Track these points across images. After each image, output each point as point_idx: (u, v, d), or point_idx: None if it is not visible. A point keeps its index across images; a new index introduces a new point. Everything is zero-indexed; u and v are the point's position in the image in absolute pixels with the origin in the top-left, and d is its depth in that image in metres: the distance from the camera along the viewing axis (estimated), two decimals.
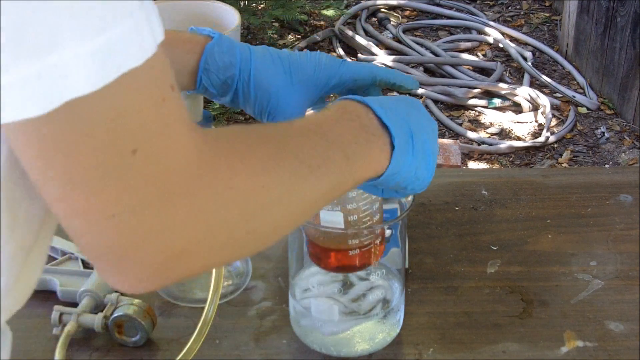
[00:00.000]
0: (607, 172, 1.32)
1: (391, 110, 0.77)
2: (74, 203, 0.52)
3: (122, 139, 0.50)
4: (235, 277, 1.08)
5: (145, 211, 0.53)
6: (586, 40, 3.53)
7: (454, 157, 2.78)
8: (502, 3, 4.18)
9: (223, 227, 0.58)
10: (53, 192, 0.52)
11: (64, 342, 0.97)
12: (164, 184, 0.53)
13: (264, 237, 0.63)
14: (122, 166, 0.51)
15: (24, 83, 0.47)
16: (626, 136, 3.22)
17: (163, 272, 0.56)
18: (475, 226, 1.19)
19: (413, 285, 1.08)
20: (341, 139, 0.72)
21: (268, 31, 3.60)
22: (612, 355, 0.98)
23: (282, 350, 1.00)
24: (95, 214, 0.52)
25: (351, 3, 4.08)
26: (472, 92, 3.40)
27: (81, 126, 0.49)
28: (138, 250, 0.54)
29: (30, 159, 0.51)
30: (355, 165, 0.72)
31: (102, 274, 0.57)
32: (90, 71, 0.48)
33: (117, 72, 0.49)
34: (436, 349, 0.99)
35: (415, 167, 0.78)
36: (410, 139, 0.77)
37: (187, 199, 0.54)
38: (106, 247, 0.54)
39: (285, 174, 0.63)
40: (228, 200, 0.57)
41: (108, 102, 0.49)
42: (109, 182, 0.51)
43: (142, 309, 0.99)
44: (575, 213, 1.22)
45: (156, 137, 0.52)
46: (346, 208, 0.90)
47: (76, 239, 0.55)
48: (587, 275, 1.10)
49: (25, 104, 0.47)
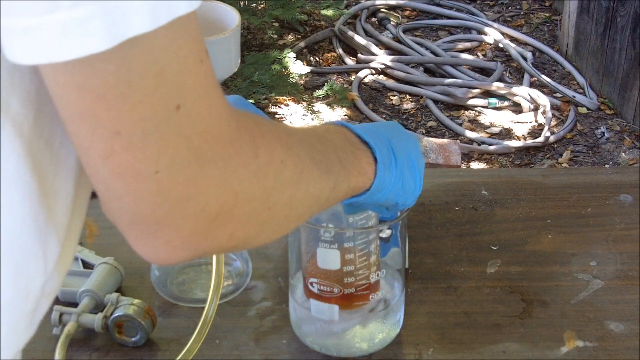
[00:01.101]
0: (607, 172, 1.32)
1: (369, 130, 0.80)
2: (120, 159, 0.53)
3: (167, 93, 0.53)
4: (235, 277, 1.08)
5: (183, 171, 0.55)
6: (586, 40, 3.53)
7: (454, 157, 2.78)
8: (502, 3, 4.18)
9: (248, 197, 0.60)
10: (100, 148, 0.53)
11: (64, 342, 0.97)
12: (201, 145, 0.55)
13: (279, 219, 0.65)
14: (166, 121, 0.53)
15: (90, 18, 0.48)
16: (626, 136, 3.22)
17: (194, 239, 0.58)
18: (475, 226, 1.19)
19: (413, 285, 1.08)
20: (334, 144, 0.75)
21: (268, 31, 3.60)
22: (612, 355, 0.98)
23: (282, 350, 1.00)
24: (139, 171, 0.54)
25: (351, 3, 4.08)
26: (472, 92, 3.40)
27: (130, 77, 0.51)
28: (173, 213, 0.56)
29: (80, 114, 0.52)
30: (347, 170, 0.75)
31: (135, 242, 0.58)
32: (144, 11, 0.49)
33: (167, 17, 0.50)
34: (436, 349, 0.99)
35: (402, 179, 0.81)
36: (391, 153, 0.80)
37: (220, 163, 0.56)
38: (144, 209, 0.55)
39: (298, 156, 0.66)
40: (253, 170, 0.60)
41: (156, 52, 0.51)
42: (153, 137, 0.53)
43: (142, 309, 0.99)
44: (575, 213, 1.21)
45: (198, 96, 0.54)
46: (343, 246, 0.91)
47: (114, 202, 0.56)
48: (587, 275, 1.10)
49: (89, 39, 0.49)
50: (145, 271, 1.09)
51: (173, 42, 0.52)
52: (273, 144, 0.63)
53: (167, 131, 0.53)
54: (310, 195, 0.68)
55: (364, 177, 0.78)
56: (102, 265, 1.06)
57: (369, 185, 0.78)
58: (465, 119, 3.35)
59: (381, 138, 0.80)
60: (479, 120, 3.35)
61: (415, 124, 3.33)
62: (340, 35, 3.80)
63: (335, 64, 3.69)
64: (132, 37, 0.50)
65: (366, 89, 3.53)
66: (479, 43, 3.83)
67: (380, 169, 0.78)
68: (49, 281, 0.62)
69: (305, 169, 0.67)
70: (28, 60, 0.50)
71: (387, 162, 0.79)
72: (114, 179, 0.55)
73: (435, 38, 3.89)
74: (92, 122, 0.52)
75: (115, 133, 0.52)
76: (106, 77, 0.51)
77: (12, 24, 0.49)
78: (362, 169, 0.77)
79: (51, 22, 0.49)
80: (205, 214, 0.57)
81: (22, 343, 0.63)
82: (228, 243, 0.61)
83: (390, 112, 3.40)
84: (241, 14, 1.10)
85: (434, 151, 2.85)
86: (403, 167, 0.81)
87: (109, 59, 0.50)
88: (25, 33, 0.49)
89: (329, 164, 0.72)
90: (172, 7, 0.51)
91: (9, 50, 0.50)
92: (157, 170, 0.54)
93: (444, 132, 3.26)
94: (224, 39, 1.03)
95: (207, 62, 0.55)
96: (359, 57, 3.67)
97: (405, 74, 3.53)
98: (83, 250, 1.11)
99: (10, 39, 0.50)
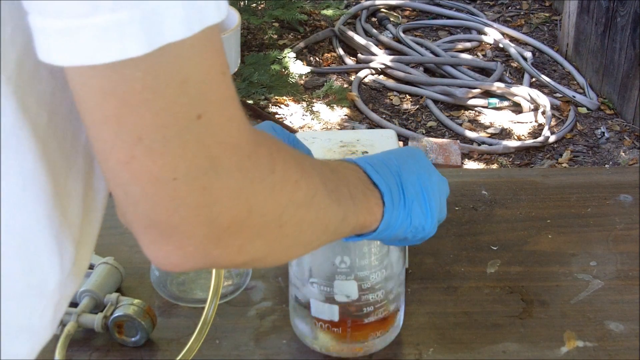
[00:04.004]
0: (607, 172, 1.32)
1: (381, 167, 0.80)
2: (140, 164, 0.54)
3: (190, 102, 0.53)
4: (235, 277, 1.08)
5: (200, 179, 0.55)
6: (586, 40, 3.53)
7: (454, 157, 2.78)
8: (502, 3, 4.18)
9: (261, 211, 0.60)
10: (121, 153, 0.54)
11: (64, 342, 0.97)
12: (219, 155, 0.56)
13: (289, 240, 0.66)
14: (187, 129, 0.54)
15: (130, 22, 0.49)
16: (626, 136, 3.22)
17: (206, 247, 0.59)
18: (475, 226, 1.19)
19: (413, 285, 1.08)
20: (346, 179, 0.75)
21: (268, 31, 3.60)
22: (612, 355, 0.98)
23: (282, 350, 1.00)
24: (158, 177, 0.54)
25: (351, 3, 4.08)
26: (472, 92, 3.40)
27: (156, 84, 0.52)
28: (188, 220, 0.57)
29: (104, 118, 0.53)
30: (357, 206, 0.75)
31: (148, 247, 0.59)
32: (179, 19, 0.50)
33: (200, 25, 0.51)
34: (436, 349, 0.99)
35: (410, 216, 0.81)
36: (400, 193, 0.80)
37: (237, 174, 0.57)
38: (159, 215, 0.56)
39: (312, 179, 0.66)
40: (269, 185, 0.60)
41: (182, 61, 0.52)
42: (173, 145, 0.54)
43: (142, 309, 0.99)
44: (575, 213, 1.21)
45: (219, 107, 0.55)
46: (358, 276, 0.92)
47: (131, 207, 0.57)
48: (587, 275, 1.10)
49: (127, 43, 0.49)
50: (145, 271, 1.09)
51: (199, 52, 0.53)
52: (289, 163, 0.63)
53: (187, 139, 0.54)
54: (320, 222, 0.69)
55: (371, 217, 0.78)
56: (102, 265, 1.06)
57: (375, 226, 0.79)
58: (465, 119, 3.35)
59: (391, 173, 0.80)
60: (479, 120, 3.35)
61: (415, 124, 3.33)
62: (340, 35, 3.80)
63: (335, 64, 3.69)
64: (168, 43, 0.50)
65: (366, 89, 3.54)
66: (479, 43, 3.83)
67: (388, 211, 0.79)
68: (66, 282, 0.62)
69: (317, 193, 0.67)
70: (64, 62, 0.50)
71: (396, 201, 0.79)
72: (133, 184, 0.55)
73: (435, 38, 3.89)
74: (115, 127, 0.53)
75: (137, 139, 0.53)
76: (133, 83, 0.51)
77: (49, 25, 0.49)
78: (371, 209, 0.78)
79: (91, 25, 0.49)
80: (217, 223, 0.58)
81: (40, 343, 0.64)
82: (237, 256, 0.61)
83: (390, 112, 3.40)
84: (241, 14, 1.10)
85: (434, 151, 2.85)
86: (412, 204, 0.81)
87: (138, 65, 0.51)
88: (63, 34, 0.49)
89: (340, 195, 0.72)
90: (203, 16, 0.52)
91: (43, 50, 0.51)
92: (175, 177, 0.54)
93: (444, 132, 3.26)
94: (224, 39, 1.02)
95: (229, 75, 0.56)
96: (359, 57, 3.67)
97: (405, 74, 3.53)
98: None
99: (46, 40, 0.50)
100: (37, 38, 0.50)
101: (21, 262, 0.58)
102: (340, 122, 3.30)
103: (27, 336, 0.62)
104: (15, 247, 0.58)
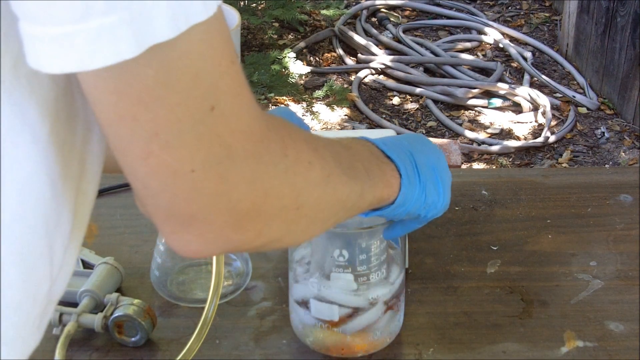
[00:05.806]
0: (607, 172, 1.32)
1: (392, 144, 0.81)
2: (158, 159, 0.55)
3: (203, 95, 0.54)
4: (235, 277, 1.08)
5: (216, 168, 0.56)
6: (586, 40, 3.53)
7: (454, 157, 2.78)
8: (502, 3, 4.18)
9: (278, 195, 0.61)
10: (139, 149, 0.55)
11: (64, 342, 0.97)
12: (233, 143, 0.56)
13: (307, 220, 0.66)
14: (201, 121, 0.54)
15: (120, 25, 0.49)
16: (626, 136, 3.22)
17: (225, 233, 0.60)
18: (475, 226, 1.19)
19: (413, 285, 1.08)
20: (360, 155, 0.76)
21: (268, 31, 3.60)
22: (612, 355, 0.98)
23: (282, 350, 1.00)
24: (176, 170, 0.55)
25: (351, 3, 4.08)
26: (472, 92, 3.40)
27: (168, 80, 0.52)
28: (207, 208, 0.58)
29: (120, 117, 0.54)
30: (373, 180, 0.76)
31: (169, 236, 0.60)
32: (165, 19, 0.50)
33: (186, 24, 0.51)
34: (436, 349, 0.99)
35: (424, 193, 0.82)
36: (414, 169, 0.81)
37: (251, 160, 0.58)
38: (179, 205, 0.57)
39: (325, 159, 0.67)
40: (283, 168, 0.61)
41: (192, 55, 0.53)
42: (189, 137, 0.54)
43: (142, 309, 0.99)
44: (575, 213, 1.21)
45: (231, 96, 0.56)
46: (356, 270, 0.92)
47: (150, 200, 0.58)
48: (587, 275, 1.10)
49: (120, 46, 0.50)
50: (145, 271, 1.09)
51: (208, 45, 0.53)
52: (301, 146, 0.64)
53: (202, 131, 0.55)
54: (338, 200, 0.69)
55: (389, 189, 0.78)
56: (102, 265, 1.06)
57: (393, 198, 0.79)
58: (465, 119, 3.35)
59: (404, 152, 0.81)
60: (479, 120, 3.35)
61: (415, 124, 3.33)
62: (340, 35, 3.80)
63: (335, 64, 3.69)
64: (156, 43, 0.50)
65: (366, 89, 3.53)
66: (479, 43, 3.83)
67: (405, 184, 0.79)
68: (54, 286, 0.63)
69: (332, 172, 0.68)
70: (59, 69, 0.50)
71: (411, 178, 0.80)
72: (151, 178, 0.56)
73: (435, 38, 3.89)
74: (131, 125, 0.54)
75: (154, 135, 0.54)
76: (146, 81, 0.52)
77: (40, 32, 0.49)
78: (388, 181, 0.78)
79: (84, 30, 0.49)
80: (236, 210, 0.59)
81: (30, 348, 0.64)
82: (256, 240, 0.62)
83: (390, 112, 3.40)
84: (241, 14, 1.10)
85: None
86: (427, 181, 0.82)
87: (149, 63, 0.51)
88: (56, 41, 0.49)
89: (356, 171, 0.73)
90: (189, 15, 0.52)
91: (34, 58, 0.50)
92: (193, 169, 0.55)
93: (444, 132, 3.26)
94: None
95: (237, 63, 0.57)
96: (359, 57, 3.67)
97: (405, 74, 3.53)
98: (83, 250, 1.11)
99: (37, 47, 0.50)
100: (28, 46, 0.50)
101: (19, 270, 0.58)
102: (340, 122, 3.30)
103: (19, 343, 0.62)
104: (14, 255, 0.58)
